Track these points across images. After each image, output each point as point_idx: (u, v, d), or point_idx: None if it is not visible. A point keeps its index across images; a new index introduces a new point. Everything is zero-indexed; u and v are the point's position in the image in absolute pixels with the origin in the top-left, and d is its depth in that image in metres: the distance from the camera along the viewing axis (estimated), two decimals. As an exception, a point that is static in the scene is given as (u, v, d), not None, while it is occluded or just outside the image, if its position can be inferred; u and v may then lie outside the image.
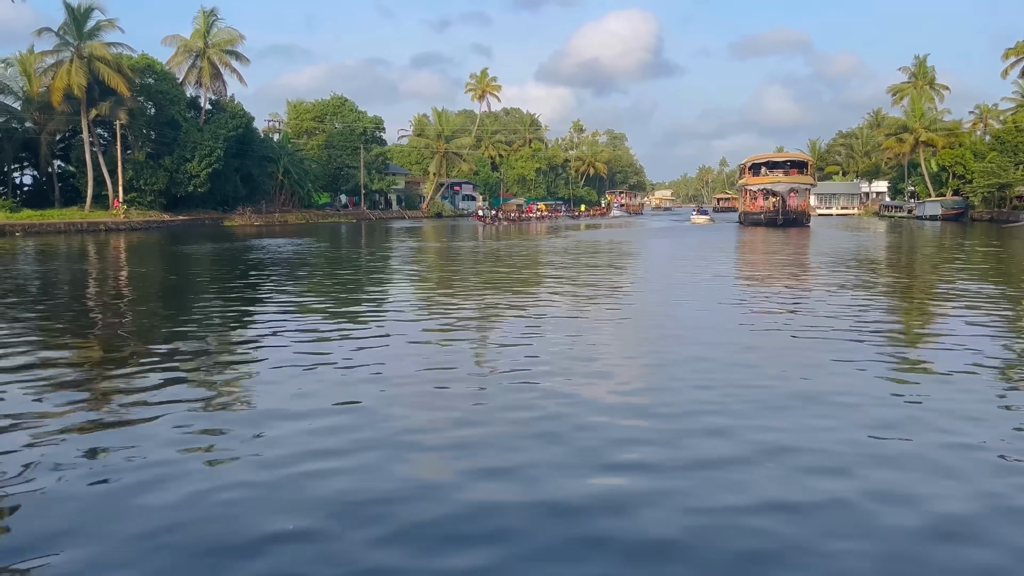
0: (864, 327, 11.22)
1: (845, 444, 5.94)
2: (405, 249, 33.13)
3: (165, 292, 17.74)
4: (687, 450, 5.83)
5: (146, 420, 6.60)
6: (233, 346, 10.37)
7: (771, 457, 5.66)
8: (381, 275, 21.20)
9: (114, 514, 4.70)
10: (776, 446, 5.89)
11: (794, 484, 5.16)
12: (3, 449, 5.84)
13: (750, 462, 5.55)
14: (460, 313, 13.00)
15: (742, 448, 5.82)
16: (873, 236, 44.28)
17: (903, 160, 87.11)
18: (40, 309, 14.11)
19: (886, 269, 22.83)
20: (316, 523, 4.55)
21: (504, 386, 7.82)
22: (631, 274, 21.25)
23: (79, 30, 51.30)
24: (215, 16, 64.39)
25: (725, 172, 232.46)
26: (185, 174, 57.78)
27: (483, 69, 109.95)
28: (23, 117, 55.37)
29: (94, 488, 5.10)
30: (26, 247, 32.83)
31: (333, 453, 5.75)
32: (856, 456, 5.71)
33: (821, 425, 6.45)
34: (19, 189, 60.15)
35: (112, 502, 4.88)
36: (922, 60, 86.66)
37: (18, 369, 8.62)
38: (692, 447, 5.90)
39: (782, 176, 59.99)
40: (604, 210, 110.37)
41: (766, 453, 5.73)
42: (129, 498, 4.93)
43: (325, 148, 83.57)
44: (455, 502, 4.87)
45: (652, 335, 11.10)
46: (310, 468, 5.42)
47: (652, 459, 5.59)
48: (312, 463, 5.52)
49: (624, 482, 5.19)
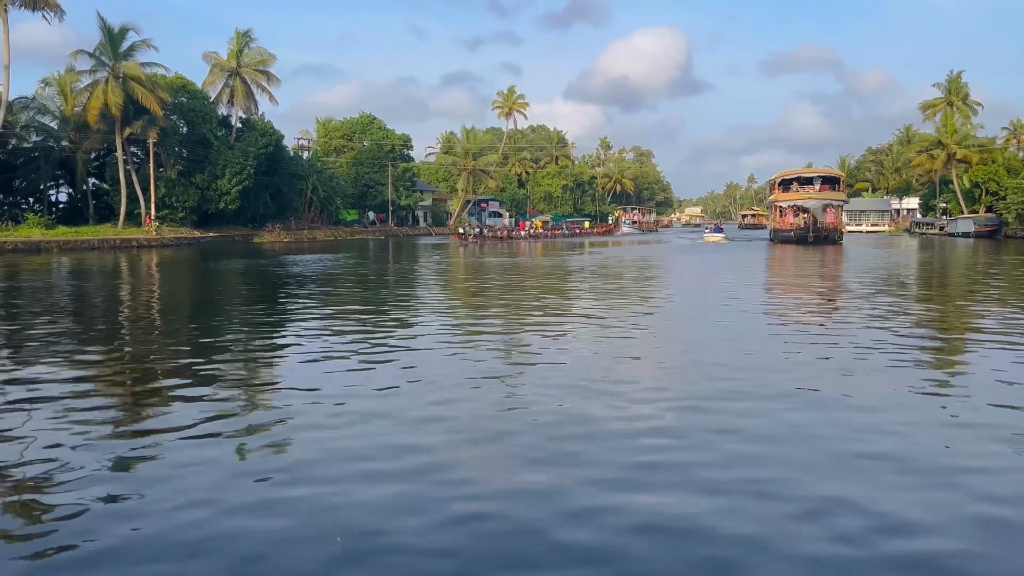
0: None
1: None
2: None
3: (205, 306, 17.85)
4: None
5: (182, 440, 6.57)
6: (272, 360, 10.34)
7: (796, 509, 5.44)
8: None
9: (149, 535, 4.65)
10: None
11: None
12: (36, 460, 5.83)
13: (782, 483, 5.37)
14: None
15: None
16: (911, 254, 42.30)
17: (935, 176, 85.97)
18: (81, 322, 14.24)
19: (952, 301, 18.27)
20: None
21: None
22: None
23: (114, 51, 52.29)
24: (249, 37, 65.67)
25: (753, 188, 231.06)
26: (216, 191, 58.53)
27: (510, 87, 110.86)
28: (60, 136, 56.47)
29: (129, 504, 5.06)
30: (61, 263, 33.31)
31: (377, 475, 5.67)
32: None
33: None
34: (55, 206, 61.19)
35: (147, 525, 4.83)
36: (956, 76, 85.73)
37: (54, 382, 8.65)
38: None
39: (813, 192, 59.27)
40: (611, 227, 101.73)
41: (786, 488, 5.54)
42: (163, 516, 4.88)
43: (353, 165, 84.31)
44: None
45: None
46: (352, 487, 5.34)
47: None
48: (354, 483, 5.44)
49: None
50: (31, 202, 58.53)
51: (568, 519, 4.81)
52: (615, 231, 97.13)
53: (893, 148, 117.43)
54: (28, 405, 7.67)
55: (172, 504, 5.06)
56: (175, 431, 6.75)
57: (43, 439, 6.49)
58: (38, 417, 7.22)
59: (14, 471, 5.74)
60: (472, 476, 5.75)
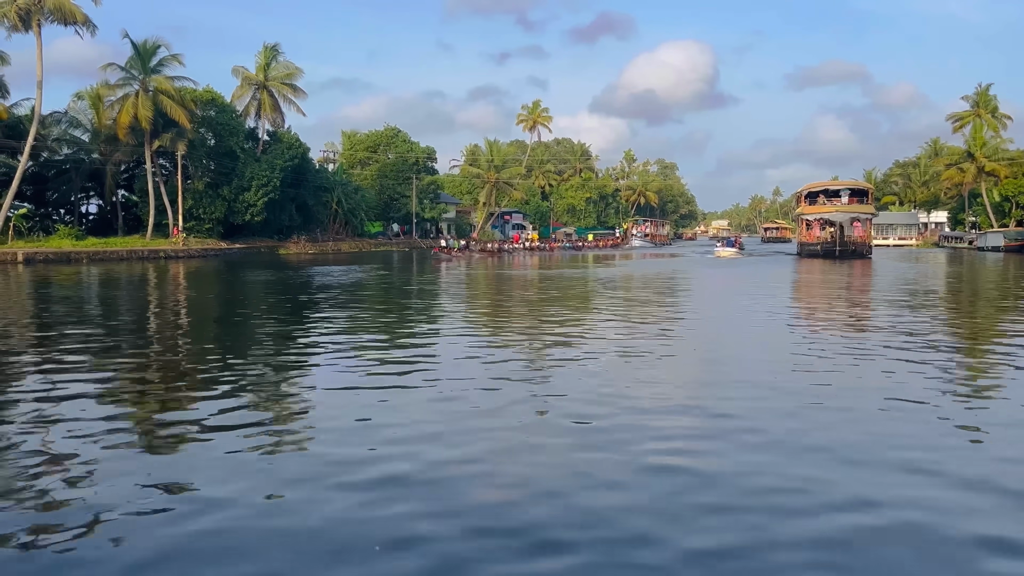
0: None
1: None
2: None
3: (235, 316, 17.97)
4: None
5: (205, 444, 6.58)
6: (303, 367, 10.36)
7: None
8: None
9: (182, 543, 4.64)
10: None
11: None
12: (62, 467, 5.85)
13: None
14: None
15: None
16: (945, 270, 39.94)
17: (963, 190, 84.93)
18: (126, 329, 14.37)
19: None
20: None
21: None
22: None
23: (144, 65, 53.10)
24: (276, 51, 66.50)
25: (779, 202, 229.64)
26: (242, 203, 59.11)
27: (535, 101, 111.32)
28: (90, 149, 57.44)
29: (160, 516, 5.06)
30: (91, 273, 33.72)
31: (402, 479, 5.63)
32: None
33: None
34: (85, 218, 62.18)
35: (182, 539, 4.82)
36: (984, 88, 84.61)
37: (83, 393, 8.71)
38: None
39: (840, 205, 58.32)
40: (617, 240, 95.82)
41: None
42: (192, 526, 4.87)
43: (378, 178, 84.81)
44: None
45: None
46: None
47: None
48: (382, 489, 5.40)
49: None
50: (62, 213, 59.53)
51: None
52: (623, 244, 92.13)
53: (921, 161, 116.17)
54: (70, 407, 7.73)
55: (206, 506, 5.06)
56: (213, 431, 6.77)
57: (82, 441, 6.53)
58: (84, 421, 7.26)
59: (53, 467, 5.77)
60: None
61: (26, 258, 41.59)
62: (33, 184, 55.99)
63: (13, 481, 5.75)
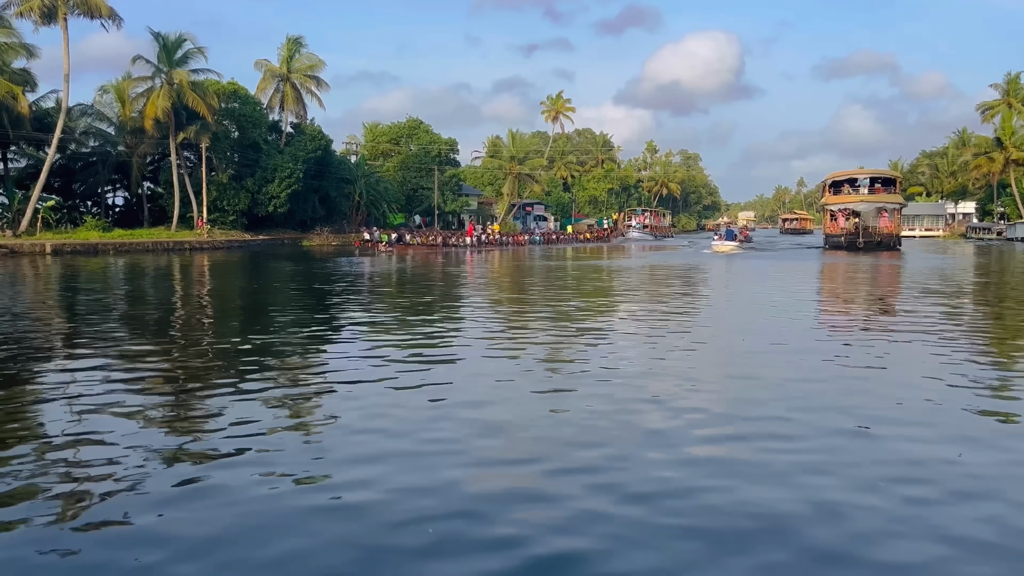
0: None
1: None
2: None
3: (264, 306, 18.14)
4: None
5: (232, 450, 6.65)
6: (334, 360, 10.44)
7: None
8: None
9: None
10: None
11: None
12: (85, 462, 5.94)
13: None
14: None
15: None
16: (981, 262, 37.47)
17: (992, 180, 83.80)
18: (142, 321, 14.56)
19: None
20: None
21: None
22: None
23: (169, 59, 53.57)
24: (299, 43, 66.80)
25: (803, 192, 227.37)
26: (266, 195, 59.54)
27: (559, 92, 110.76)
28: (116, 141, 58.04)
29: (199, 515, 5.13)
30: (119, 265, 34.12)
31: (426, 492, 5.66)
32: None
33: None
34: (111, 209, 62.94)
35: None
36: (1014, 77, 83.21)
37: (106, 381, 8.84)
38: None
39: (865, 194, 56.69)
40: (603, 232, 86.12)
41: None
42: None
43: (400, 170, 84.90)
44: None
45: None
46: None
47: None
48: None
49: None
50: (89, 205, 60.26)
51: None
52: (613, 237, 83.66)
53: (948, 151, 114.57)
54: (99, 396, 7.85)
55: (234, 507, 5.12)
56: (244, 425, 6.85)
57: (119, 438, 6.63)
58: (114, 410, 7.37)
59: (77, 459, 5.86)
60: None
61: (54, 249, 42.12)
62: (61, 176, 56.74)
63: (49, 467, 5.86)
